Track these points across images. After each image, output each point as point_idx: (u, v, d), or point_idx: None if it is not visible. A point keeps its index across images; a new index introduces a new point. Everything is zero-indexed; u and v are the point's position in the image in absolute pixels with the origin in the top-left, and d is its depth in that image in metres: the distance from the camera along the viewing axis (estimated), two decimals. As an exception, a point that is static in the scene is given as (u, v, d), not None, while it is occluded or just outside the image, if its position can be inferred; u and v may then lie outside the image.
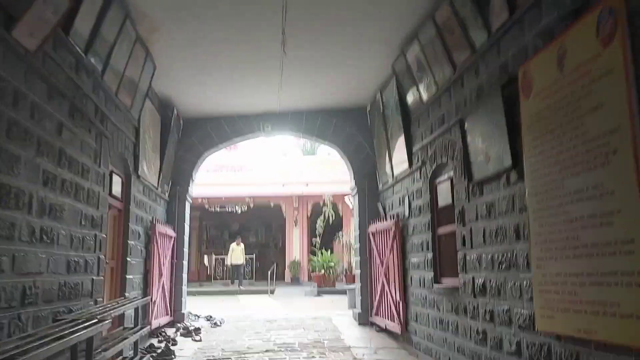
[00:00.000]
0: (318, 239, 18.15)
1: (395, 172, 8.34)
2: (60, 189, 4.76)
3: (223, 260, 22.39)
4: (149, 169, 8.28)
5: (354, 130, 10.02)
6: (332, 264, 17.55)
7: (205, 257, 23.57)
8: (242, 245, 20.06)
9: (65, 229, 4.84)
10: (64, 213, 4.82)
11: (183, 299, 10.14)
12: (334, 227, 19.50)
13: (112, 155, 6.38)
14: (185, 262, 10.35)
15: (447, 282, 6.25)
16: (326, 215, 18.12)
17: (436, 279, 6.56)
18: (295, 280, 20.70)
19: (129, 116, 7.11)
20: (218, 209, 21.89)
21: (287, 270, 21.26)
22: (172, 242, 9.76)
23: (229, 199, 21.33)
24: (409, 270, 7.62)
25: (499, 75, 4.78)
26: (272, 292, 17.75)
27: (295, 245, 21.49)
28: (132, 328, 6.19)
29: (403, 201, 7.98)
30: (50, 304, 4.51)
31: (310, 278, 20.25)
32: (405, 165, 7.71)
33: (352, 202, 11.31)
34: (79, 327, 3.97)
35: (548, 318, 3.82)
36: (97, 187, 5.82)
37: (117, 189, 6.83)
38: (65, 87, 4.85)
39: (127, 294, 7.13)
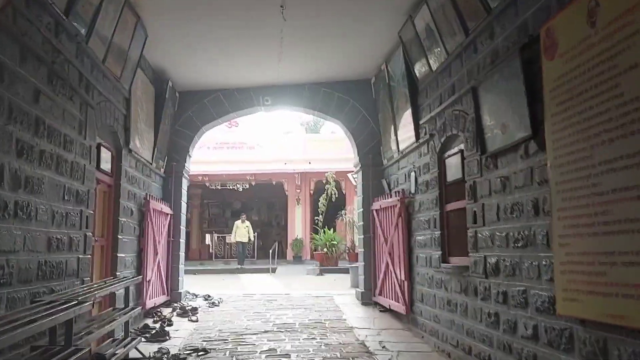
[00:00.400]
0: (321, 217, 17.82)
1: (401, 147, 7.93)
2: (39, 161, 4.38)
3: (224, 238, 22.18)
4: (141, 143, 7.90)
5: (358, 103, 9.58)
6: (335, 242, 17.25)
7: (207, 235, 23.30)
8: (247, 222, 19.62)
9: (45, 204, 4.47)
10: (43, 187, 4.45)
11: (180, 278, 9.85)
12: (337, 206, 19.17)
13: (99, 127, 5.99)
14: (182, 241, 10.04)
15: (456, 261, 5.90)
16: (329, 193, 17.76)
17: (444, 258, 6.21)
18: (298, 259, 20.45)
19: (118, 86, 6.70)
20: (219, 187, 21.56)
21: (289, 248, 21.01)
22: (168, 220, 9.43)
23: (230, 177, 20.99)
24: (415, 248, 7.27)
25: (517, 36, 4.34)
26: (273, 270, 17.50)
27: (298, 224, 21.21)
28: (123, 309, 5.87)
29: (409, 177, 7.60)
30: (28, 284, 4.17)
31: (312, 257, 19.99)
32: (412, 139, 7.31)
33: (355, 179, 10.93)
34: (56, 309, 3.63)
35: (571, 301, 3.46)
36: (83, 160, 5.44)
37: (106, 163, 6.46)
38: (42, 50, 4.43)
39: (118, 273, 6.81)
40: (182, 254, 9.92)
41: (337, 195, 18.19)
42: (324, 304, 9.14)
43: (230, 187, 21.49)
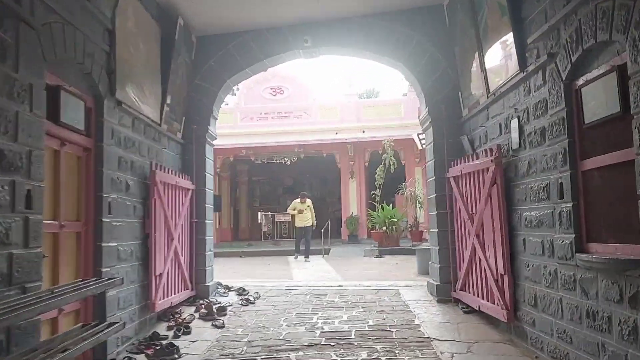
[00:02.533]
0: (378, 192, 15.62)
1: (493, 86, 5.62)
2: None
3: (274, 217, 20.45)
4: (140, 96, 5.98)
5: (425, 39, 7.26)
6: (395, 219, 15.04)
7: (259, 214, 21.64)
8: (308, 201, 14.82)
9: None
10: None
11: (209, 268, 8.01)
12: (395, 178, 16.90)
13: (52, 59, 4.05)
14: (209, 222, 8.16)
15: (606, 250, 3.63)
16: (387, 164, 15.50)
17: (579, 245, 3.94)
18: (353, 238, 18.42)
19: (90, 8, 4.74)
20: (266, 161, 19.73)
21: (343, 226, 18.99)
22: (189, 197, 7.56)
23: (276, 149, 19.11)
24: (520, 228, 5.02)
25: None
26: (326, 252, 15.56)
27: (352, 200, 19.12)
28: (96, 326, 3.98)
29: (507, 126, 5.30)
30: None
31: (369, 235, 17.91)
32: (513, 69, 5.00)
33: (423, 140, 8.64)
34: None
35: None
36: (14, 105, 3.53)
37: (74, 115, 4.56)
38: None
39: (106, 269, 4.96)
40: (208, 238, 8.06)
41: (395, 166, 15.91)
42: (387, 301, 7.03)
43: (278, 161, 19.60)
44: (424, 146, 9.04)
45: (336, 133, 18.75)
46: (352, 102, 19.26)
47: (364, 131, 18.63)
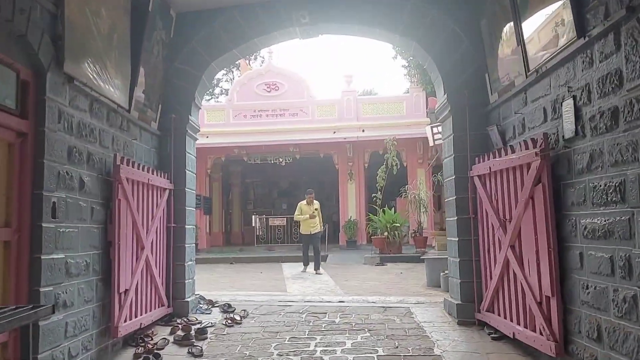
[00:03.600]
0: (379, 194, 14.54)
1: (533, 63, 4.55)
2: None
3: (267, 220, 19.35)
4: (103, 74, 4.89)
5: (442, 11, 6.20)
6: (398, 224, 13.97)
7: (254, 217, 20.54)
8: (316, 203, 11.93)
9: None
10: None
11: (188, 281, 6.91)
12: (395, 182, 15.84)
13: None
14: (190, 227, 7.08)
15: None
16: (389, 164, 14.43)
17: (678, 265, 2.87)
18: (352, 244, 17.33)
19: (25, -48, 3.66)
20: (259, 161, 18.64)
21: (341, 231, 17.90)
22: (165, 198, 6.47)
23: (270, 149, 18.02)
24: (575, 240, 3.95)
25: None
26: (324, 259, 14.43)
27: (351, 203, 18.04)
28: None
29: (555, 110, 4.24)
30: None
31: (369, 241, 16.85)
32: (566, 37, 3.93)
33: (436, 135, 7.59)
34: None
35: None
36: None
37: (1, 89, 3.48)
38: None
39: (46, 289, 3.86)
40: (189, 246, 6.97)
41: (399, 166, 14.85)
42: (398, 323, 5.93)
43: (272, 162, 18.51)
44: (436, 142, 7.97)
45: (334, 132, 17.70)
46: (351, 100, 18.20)
47: (363, 130, 17.60)
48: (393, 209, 15.20)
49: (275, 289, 9.01)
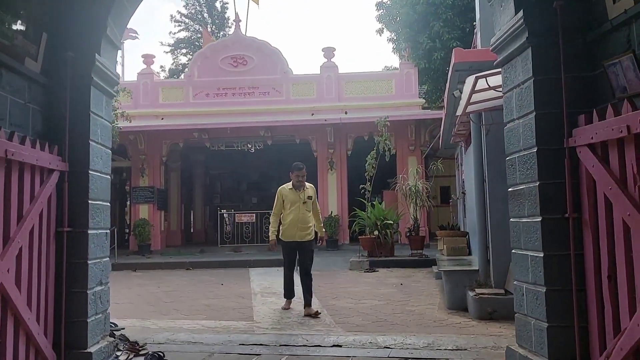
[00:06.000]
0: (369, 186, 12.11)
1: None
2: None
3: (234, 217, 16.79)
4: None
5: None
6: (390, 221, 11.58)
7: (219, 213, 18.02)
8: (311, 187, 6.81)
9: None
10: None
11: (94, 318, 4.31)
12: (383, 171, 13.45)
13: None
14: (102, 233, 4.48)
15: None
16: (381, 149, 12.01)
17: None
18: (332, 244, 14.87)
19: None
20: (224, 148, 15.98)
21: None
22: (49, 184, 3.88)
23: (237, 133, 15.41)
24: None
25: None
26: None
27: (332, 196, 15.57)
28: None
29: None
30: None
31: (352, 240, 14.48)
32: None
33: (477, 90, 5.10)
34: None
35: None
36: None
37: None
38: None
39: None
40: (97, 262, 4.37)
41: (392, 152, 12.46)
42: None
43: (239, 148, 15.87)
44: (476, 106, 5.50)
45: (312, 114, 15.25)
46: (332, 77, 15.75)
47: (346, 112, 15.21)
48: (383, 203, 12.79)
49: (237, 315, 6.47)
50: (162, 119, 15.59)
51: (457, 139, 9.08)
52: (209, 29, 26.69)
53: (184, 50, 32.17)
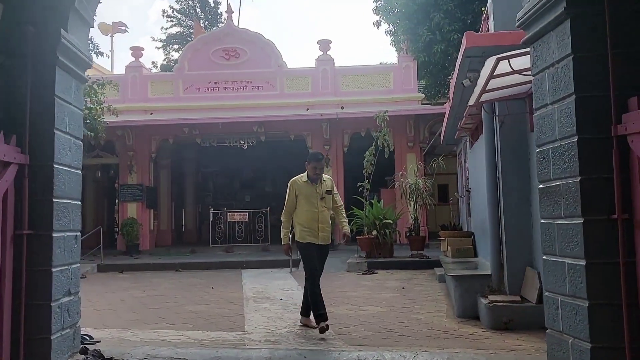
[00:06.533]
0: (367, 183, 11.56)
1: None
2: None
3: (224, 216, 16.21)
4: None
5: None
6: (390, 220, 11.05)
7: (211, 212, 17.44)
8: (329, 180, 5.71)
9: None
10: None
11: (62, 334, 3.76)
12: (380, 168, 12.90)
13: None
14: (70, 236, 3.91)
15: None
16: (380, 144, 11.48)
17: None
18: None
19: None
20: (215, 144, 15.38)
21: (315, 229, 14.83)
22: (3, 181, 3.31)
23: (229, 130, 14.79)
24: None
25: None
26: (296, 265, 11.42)
27: (327, 194, 14.98)
28: None
29: None
30: None
31: (349, 241, 13.89)
32: None
33: (498, 74, 4.54)
34: None
35: None
36: None
37: None
38: None
39: None
40: (64, 270, 3.81)
41: (391, 148, 11.93)
42: None
43: (231, 144, 15.26)
44: (498, 91, 4.95)
45: (307, 109, 14.69)
46: (327, 70, 15.19)
47: (342, 107, 14.64)
48: (381, 201, 12.26)
49: (227, 324, 5.90)
50: (151, 113, 14.97)
51: (462, 133, 8.54)
52: (202, 25, 26.04)
53: (176, 46, 31.49)
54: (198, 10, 31.82)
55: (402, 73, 14.93)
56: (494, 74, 4.31)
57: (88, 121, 12.68)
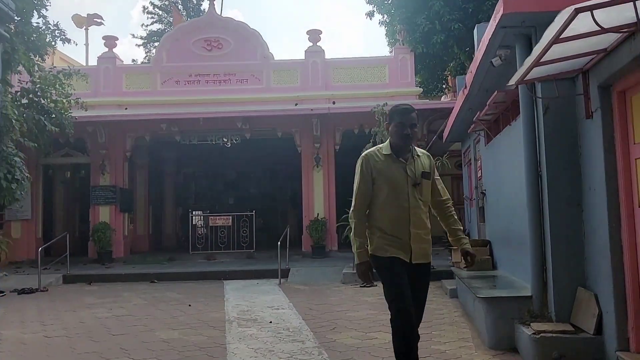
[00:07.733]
0: (363, 184, 10.44)
1: None
2: None
3: (207, 219, 15.02)
4: None
5: None
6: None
7: (197, 214, 16.31)
8: (425, 154, 3.45)
9: None
10: None
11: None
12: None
13: None
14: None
15: None
16: (378, 141, 10.36)
17: None
18: (319, 251, 13.20)
19: None
20: (196, 142, 14.15)
21: (305, 234, 13.70)
22: None
23: (211, 126, 13.59)
24: None
25: None
26: (285, 275, 10.29)
27: (318, 197, 13.85)
28: None
29: None
30: None
31: (341, 247, 12.83)
32: None
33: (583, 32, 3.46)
34: None
35: None
36: None
37: None
38: None
39: None
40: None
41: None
42: None
43: (214, 142, 14.04)
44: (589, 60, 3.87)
45: (296, 104, 13.57)
46: (318, 63, 14.08)
47: (334, 102, 13.55)
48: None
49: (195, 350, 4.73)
50: (126, 108, 13.73)
51: (477, 127, 7.46)
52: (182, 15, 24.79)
53: (156, 44, 30.12)
54: (180, 7, 30.53)
55: (398, 65, 13.88)
56: (560, 37, 3.20)
57: (53, 115, 11.43)
